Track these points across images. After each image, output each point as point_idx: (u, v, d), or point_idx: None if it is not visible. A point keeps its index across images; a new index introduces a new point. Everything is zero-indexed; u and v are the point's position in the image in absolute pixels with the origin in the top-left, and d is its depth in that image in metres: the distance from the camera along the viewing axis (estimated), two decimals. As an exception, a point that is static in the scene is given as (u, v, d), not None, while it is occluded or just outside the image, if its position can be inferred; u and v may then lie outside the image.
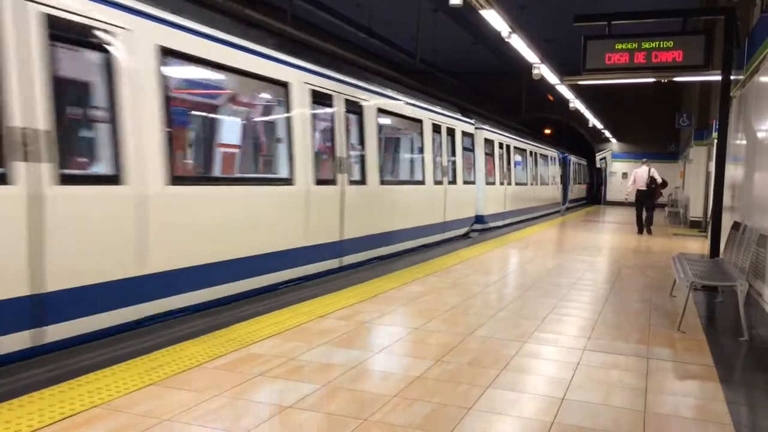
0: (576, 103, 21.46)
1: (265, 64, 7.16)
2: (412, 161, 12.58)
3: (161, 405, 3.48)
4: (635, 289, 7.82)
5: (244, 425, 3.27)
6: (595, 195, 38.23)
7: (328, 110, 8.51)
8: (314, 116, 8.13)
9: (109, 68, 5.16)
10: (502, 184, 17.69)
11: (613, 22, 8.74)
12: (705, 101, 18.16)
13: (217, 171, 7.81)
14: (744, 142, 9.00)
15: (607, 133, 33.25)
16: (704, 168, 17.61)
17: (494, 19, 9.89)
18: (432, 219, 12.30)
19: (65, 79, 4.98)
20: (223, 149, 7.97)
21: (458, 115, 14.46)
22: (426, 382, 4.04)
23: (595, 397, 3.89)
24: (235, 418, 3.35)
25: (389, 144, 12.47)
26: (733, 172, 9.49)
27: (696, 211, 18.46)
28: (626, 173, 34.69)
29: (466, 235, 14.70)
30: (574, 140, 36.30)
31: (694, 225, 18.28)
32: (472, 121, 15.41)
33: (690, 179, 19.93)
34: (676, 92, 27.81)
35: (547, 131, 37.66)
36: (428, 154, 12.12)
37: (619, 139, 34.46)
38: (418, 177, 12.02)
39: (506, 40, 10.91)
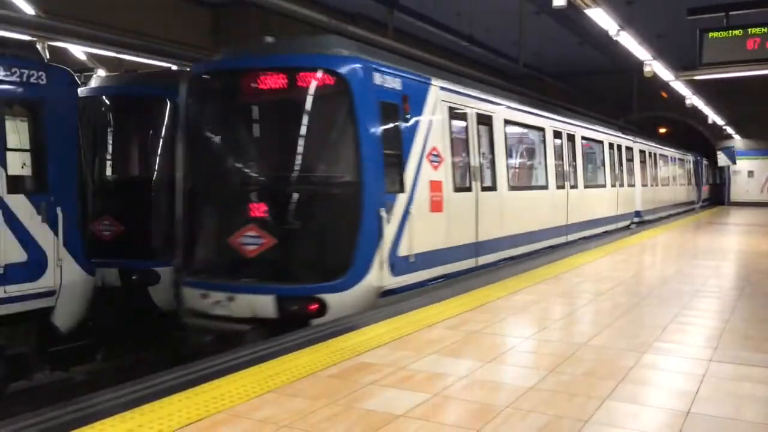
0: (693, 100, 20.26)
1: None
2: None
3: (279, 412, 3.61)
4: (767, 295, 7.27)
5: (358, 433, 3.33)
6: (718, 195, 35.91)
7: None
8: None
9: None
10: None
11: (731, 13, 8.25)
12: None
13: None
14: None
15: (729, 130, 31.10)
16: None
17: (601, 17, 9.59)
18: None
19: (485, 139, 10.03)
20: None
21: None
22: (540, 393, 3.95)
23: (725, 411, 3.65)
24: (349, 426, 3.42)
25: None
26: None
27: None
28: (752, 171, 32.37)
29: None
30: (693, 138, 34.29)
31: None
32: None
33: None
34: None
35: (662, 130, 35.85)
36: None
37: (742, 136, 32.15)
38: None
39: (614, 38, 10.52)
